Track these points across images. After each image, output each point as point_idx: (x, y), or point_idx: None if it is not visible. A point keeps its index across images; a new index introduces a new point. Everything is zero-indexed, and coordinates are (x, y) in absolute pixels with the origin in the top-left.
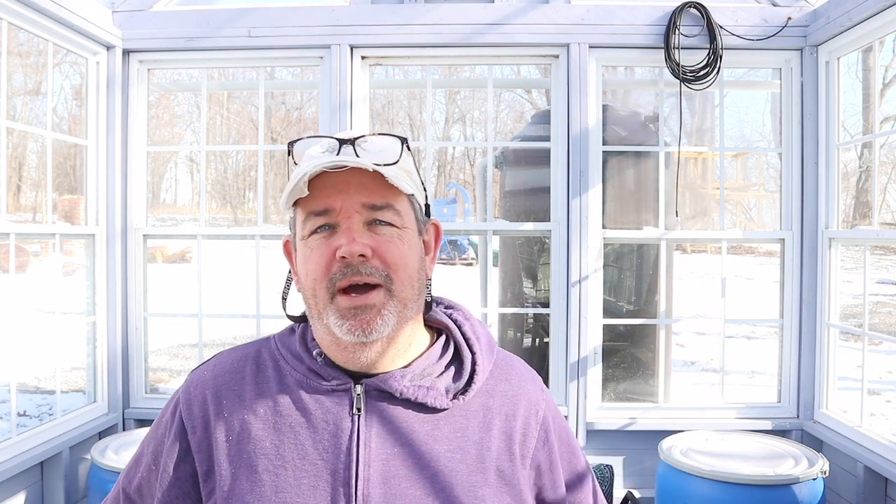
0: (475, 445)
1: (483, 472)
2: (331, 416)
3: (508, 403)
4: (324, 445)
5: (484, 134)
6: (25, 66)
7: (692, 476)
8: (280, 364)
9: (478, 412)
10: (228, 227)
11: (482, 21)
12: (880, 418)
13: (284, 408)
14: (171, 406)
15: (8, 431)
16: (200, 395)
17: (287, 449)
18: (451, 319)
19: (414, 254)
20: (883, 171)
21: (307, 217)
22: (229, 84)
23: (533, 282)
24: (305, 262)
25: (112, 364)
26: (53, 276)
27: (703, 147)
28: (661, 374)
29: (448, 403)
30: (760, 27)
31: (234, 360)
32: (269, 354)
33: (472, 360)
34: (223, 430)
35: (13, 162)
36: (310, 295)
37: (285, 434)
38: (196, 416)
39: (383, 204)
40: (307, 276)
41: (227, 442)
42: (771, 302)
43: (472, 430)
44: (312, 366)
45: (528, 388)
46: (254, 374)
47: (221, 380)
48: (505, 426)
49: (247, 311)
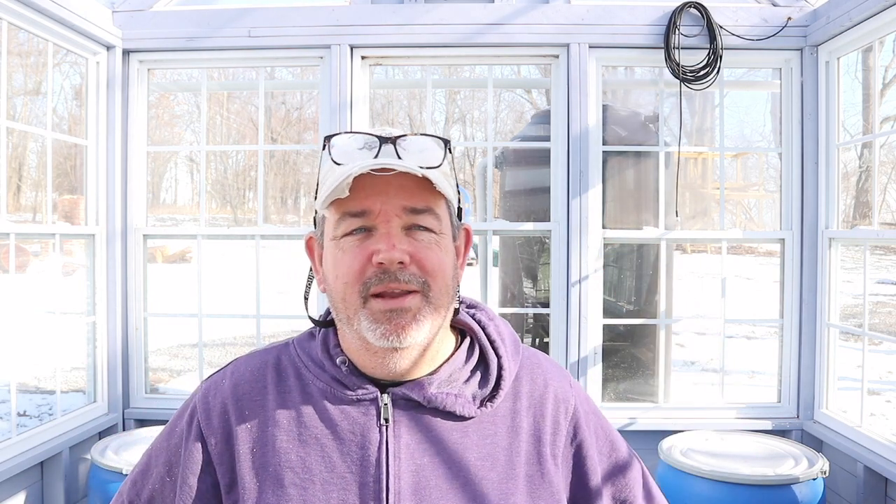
0: (505, 452)
1: (514, 479)
2: (357, 427)
3: (536, 404)
4: (352, 458)
5: (484, 134)
6: (25, 66)
7: (692, 476)
8: (302, 372)
9: (505, 417)
10: (228, 227)
11: (482, 21)
12: (880, 418)
13: (308, 418)
14: (185, 415)
15: (8, 431)
16: (220, 404)
17: (314, 462)
18: (475, 320)
19: (450, 260)
20: (883, 171)
21: (342, 217)
22: (229, 84)
23: (533, 282)
24: (336, 264)
25: (112, 364)
26: (53, 276)
27: (703, 147)
28: (661, 374)
29: (476, 411)
30: (760, 27)
31: (253, 369)
32: (289, 361)
33: (497, 364)
34: (247, 442)
35: (13, 162)
36: (339, 299)
37: (311, 446)
38: (216, 427)
39: (424, 208)
40: (337, 278)
41: (252, 454)
42: (771, 302)
43: (500, 437)
44: (336, 374)
45: (554, 384)
46: (275, 383)
47: (242, 389)
48: (533, 429)
49: (247, 311)
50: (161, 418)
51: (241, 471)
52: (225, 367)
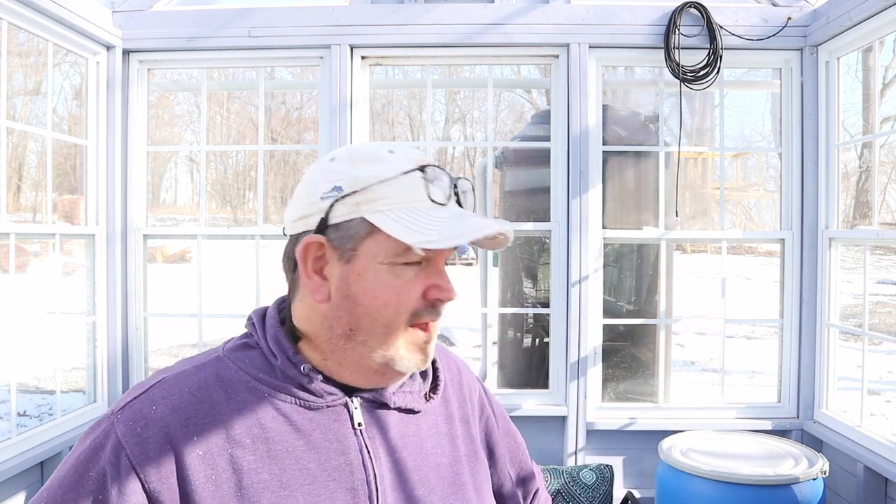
0: (447, 437)
1: (459, 460)
2: (331, 433)
3: (456, 390)
4: (332, 465)
5: (484, 134)
6: (25, 66)
7: (692, 476)
8: (253, 385)
9: (440, 406)
10: (228, 227)
11: (482, 21)
12: (880, 418)
13: (275, 433)
14: (100, 457)
15: (8, 431)
16: (158, 433)
17: (290, 476)
18: None
19: None
20: (883, 171)
21: (409, 248)
22: (229, 84)
23: (533, 282)
24: (386, 288)
25: (112, 364)
26: (53, 276)
27: (703, 147)
28: (661, 374)
29: (423, 405)
30: (760, 27)
31: (192, 389)
32: (232, 376)
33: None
34: (203, 470)
35: (13, 162)
36: (377, 324)
37: (283, 460)
38: (155, 459)
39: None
40: (385, 305)
41: (213, 482)
42: (771, 302)
43: (441, 424)
44: (302, 382)
45: (463, 370)
46: (225, 401)
47: (185, 413)
48: (461, 412)
49: (247, 312)
50: None
51: (199, 503)
52: (145, 393)
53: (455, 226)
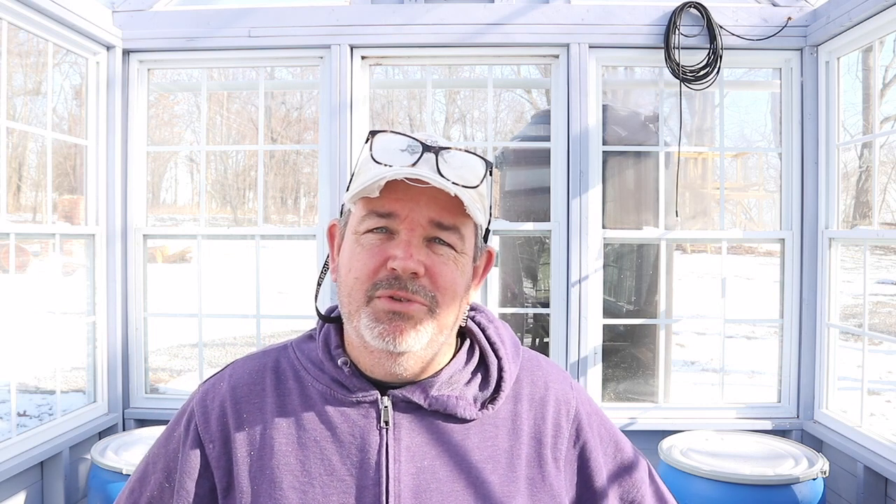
0: (506, 454)
1: (515, 481)
2: (357, 429)
3: (536, 407)
4: (351, 461)
5: (484, 134)
6: (25, 66)
7: (692, 476)
8: (301, 374)
9: (506, 419)
10: (228, 227)
11: (482, 21)
12: (880, 418)
13: (308, 421)
14: (182, 419)
15: (8, 431)
16: (218, 407)
17: (313, 465)
18: (475, 322)
19: (464, 280)
20: (883, 171)
21: (368, 214)
22: (229, 84)
23: (533, 282)
24: (352, 257)
25: (112, 364)
26: (53, 276)
27: (703, 147)
28: (661, 374)
29: (477, 414)
30: (760, 27)
31: (252, 371)
32: (288, 364)
33: (498, 367)
34: (245, 445)
35: (13, 162)
36: (346, 293)
37: (310, 449)
38: (214, 430)
39: (450, 225)
40: (349, 272)
41: (249, 457)
42: (771, 302)
43: (501, 439)
44: (337, 376)
45: (555, 387)
46: (274, 386)
47: (240, 392)
48: (534, 431)
49: (247, 311)
50: (161, 418)
51: (238, 475)
52: (223, 370)
53: (374, 175)
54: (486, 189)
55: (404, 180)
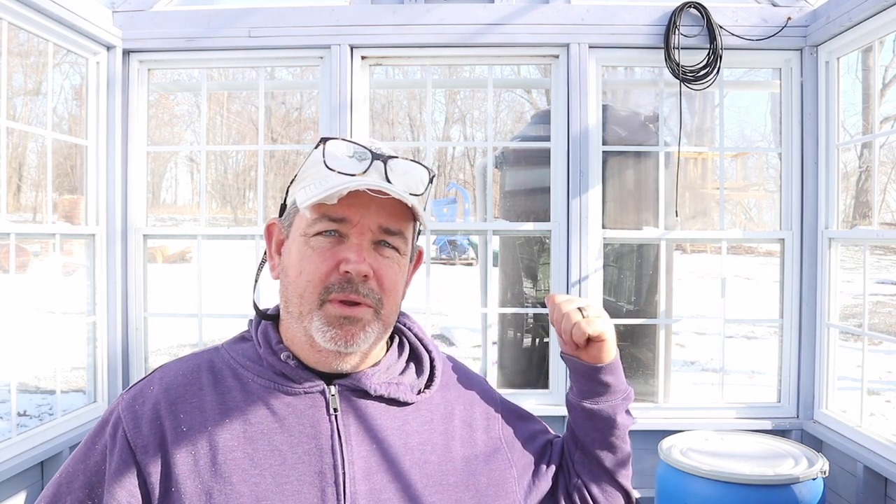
0: (441, 436)
1: (451, 461)
2: (306, 418)
3: (464, 394)
4: (303, 448)
5: (484, 134)
6: (25, 66)
7: (692, 476)
8: (239, 372)
9: (440, 405)
10: (228, 227)
11: (482, 21)
12: (880, 418)
13: (253, 415)
14: (105, 430)
15: (8, 431)
16: (150, 410)
17: (262, 457)
18: (401, 323)
19: (403, 280)
20: (883, 171)
21: (320, 218)
22: (229, 84)
23: (533, 282)
24: (302, 259)
25: (112, 364)
26: (53, 276)
27: (703, 147)
28: (661, 374)
29: (415, 398)
30: (760, 27)
31: (185, 372)
32: (223, 363)
33: (429, 357)
34: (184, 445)
35: (13, 162)
36: (295, 294)
37: (258, 442)
38: (146, 434)
39: (397, 230)
40: (300, 274)
41: (192, 457)
42: (771, 302)
43: (437, 422)
44: (282, 369)
45: (477, 379)
46: (212, 384)
47: (175, 392)
48: (464, 415)
49: (246, 311)
50: None
51: (179, 477)
52: (150, 375)
53: (334, 185)
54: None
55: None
